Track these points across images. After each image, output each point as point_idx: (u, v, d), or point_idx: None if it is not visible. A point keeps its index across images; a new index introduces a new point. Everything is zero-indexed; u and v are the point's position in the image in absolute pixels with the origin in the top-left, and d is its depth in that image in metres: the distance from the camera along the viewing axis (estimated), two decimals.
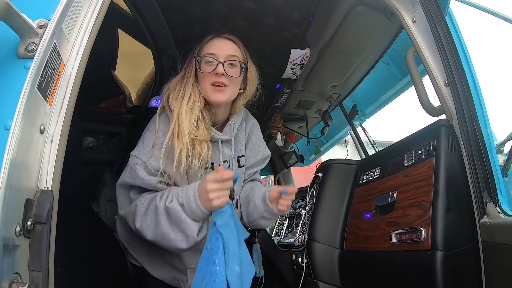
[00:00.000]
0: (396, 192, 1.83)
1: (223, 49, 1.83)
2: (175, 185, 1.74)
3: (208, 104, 1.83)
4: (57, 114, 1.08)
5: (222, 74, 1.77)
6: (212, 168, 1.85)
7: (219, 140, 1.87)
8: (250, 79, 1.94)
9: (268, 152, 2.11)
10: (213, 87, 1.78)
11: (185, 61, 1.94)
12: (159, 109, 1.80)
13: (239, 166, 1.99)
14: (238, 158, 1.98)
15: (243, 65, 1.86)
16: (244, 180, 2.09)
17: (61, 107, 1.10)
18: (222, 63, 1.77)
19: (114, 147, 3.64)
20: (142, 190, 1.73)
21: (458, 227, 1.54)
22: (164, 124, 1.75)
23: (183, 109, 1.70)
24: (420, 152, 1.81)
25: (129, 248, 1.97)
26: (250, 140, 2.07)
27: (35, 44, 1.00)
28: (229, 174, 1.48)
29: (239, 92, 1.91)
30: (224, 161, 1.90)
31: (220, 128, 1.93)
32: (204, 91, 1.79)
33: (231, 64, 1.81)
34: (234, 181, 1.52)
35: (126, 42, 3.28)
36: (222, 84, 1.78)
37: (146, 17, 2.52)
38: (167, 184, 1.73)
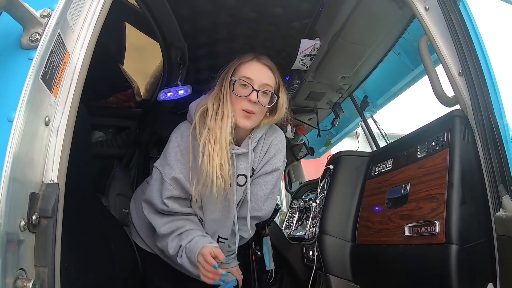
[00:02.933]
0: (409, 184, 1.79)
1: (260, 76, 1.88)
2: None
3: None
4: (62, 106, 1.07)
5: (255, 102, 1.84)
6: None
7: (234, 155, 1.92)
8: (280, 107, 1.99)
9: (280, 166, 2.09)
10: (243, 112, 1.85)
11: (219, 75, 2.00)
12: (192, 129, 1.89)
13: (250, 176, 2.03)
14: (253, 169, 2.03)
15: (274, 96, 1.92)
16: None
17: (67, 98, 1.08)
18: (257, 91, 1.84)
19: (124, 141, 3.66)
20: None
21: (473, 221, 1.50)
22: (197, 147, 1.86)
23: (224, 130, 1.82)
24: (433, 143, 1.77)
25: (140, 232, 2.12)
26: (268, 152, 2.07)
27: (39, 34, 0.99)
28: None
29: (265, 115, 1.97)
30: (240, 175, 1.97)
31: (239, 143, 1.98)
32: (232, 112, 1.86)
33: (264, 92, 1.87)
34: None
35: (133, 36, 3.27)
36: (252, 111, 1.85)
37: (153, 10, 2.50)
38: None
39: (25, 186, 0.92)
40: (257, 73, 1.89)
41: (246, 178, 1.99)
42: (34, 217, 0.91)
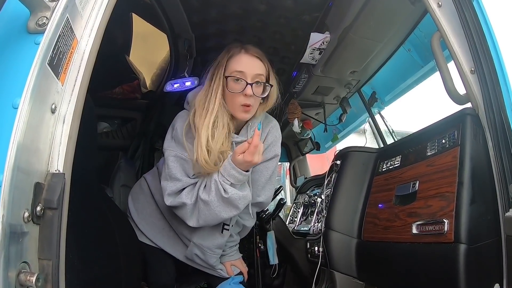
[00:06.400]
0: (418, 181, 1.77)
1: (251, 68, 1.93)
2: None
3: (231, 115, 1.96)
4: (69, 93, 1.05)
5: (251, 95, 1.90)
6: None
7: (234, 143, 1.99)
8: (272, 94, 2.06)
9: (278, 152, 2.19)
10: (241, 107, 1.92)
11: (207, 70, 2.06)
12: (185, 126, 1.95)
13: None
14: None
15: (267, 85, 1.99)
16: None
17: (74, 85, 1.06)
18: (251, 84, 1.90)
19: (129, 133, 3.66)
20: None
21: (482, 220, 1.48)
22: (191, 143, 1.92)
23: (208, 131, 1.86)
24: (444, 141, 1.74)
25: (140, 226, 2.18)
26: (266, 140, 2.14)
27: (46, 18, 0.97)
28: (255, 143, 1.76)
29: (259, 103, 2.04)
30: None
31: (237, 131, 2.06)
32: (231, 107, 1.94)
33: (258, 83, 1.93)
34: None
35: (140, 27, 3.26)
36: (250, 105, 1.92)
37: (161, 0, 2.47)
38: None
39: (29, 175, 0.90)
40: (248, 65, 1.94)
41: None
42: (38, 208, 0.89)
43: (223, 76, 1.94)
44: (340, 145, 3.92)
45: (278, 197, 3.24)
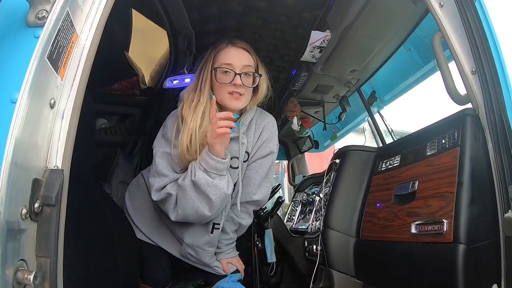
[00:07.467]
0: (417, 181, 1.78)
1: (239, 59, 1.96)
2: None
3: (220, 108, 1.94)
4: (69, 88, 1.04)
5: (240, 85, 1.92)
6: None
7: None
8: (261, 85, 2.07)
9: (274, 148, 2.18)
10: (230, 95, 1.93)
11: (196, 67, 2.09)
12: (177, 123, 1.96)
13: (244, 161, 2.09)
14: (246, 152, 2.09)
15: (256, 75, 2.01)
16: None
17: (74, 80, 1.05)
18: (240, 74, 1.92)
19: (127, 129, 3.65)
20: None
21: (481, 221, 1.48)
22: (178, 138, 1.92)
23: (197, 119, 1.89)
24: (443, 141, 1.75)
25: (136, 222, 2.19)
26: (261, 136, 2.14)
27: (46, 11, 0.96)
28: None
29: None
30: (233, 157, 2.01)
31: None
32: (220, 99, 1.95)
33: (246, 74, 1.96)
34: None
35: (140, 22, 3.24)
36: (240, 93, 1.93)
37: None
38: None
39: (27, 172, 0.89)
40: (235, 57, 1.97)
41: (238, 159, 2.04)
42: (36, 205, 0.88)
43: (211, 68, 1.97)
44: (339, 144, 3.92)
45: (276, 195, 3.23)
